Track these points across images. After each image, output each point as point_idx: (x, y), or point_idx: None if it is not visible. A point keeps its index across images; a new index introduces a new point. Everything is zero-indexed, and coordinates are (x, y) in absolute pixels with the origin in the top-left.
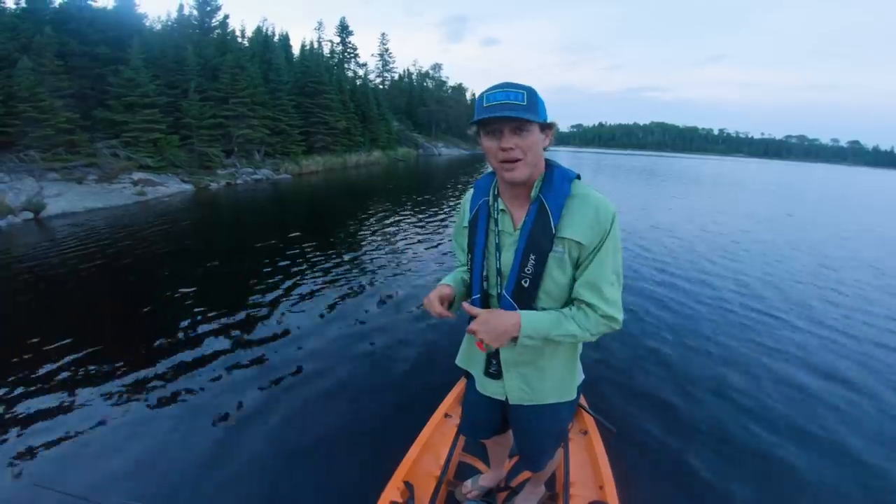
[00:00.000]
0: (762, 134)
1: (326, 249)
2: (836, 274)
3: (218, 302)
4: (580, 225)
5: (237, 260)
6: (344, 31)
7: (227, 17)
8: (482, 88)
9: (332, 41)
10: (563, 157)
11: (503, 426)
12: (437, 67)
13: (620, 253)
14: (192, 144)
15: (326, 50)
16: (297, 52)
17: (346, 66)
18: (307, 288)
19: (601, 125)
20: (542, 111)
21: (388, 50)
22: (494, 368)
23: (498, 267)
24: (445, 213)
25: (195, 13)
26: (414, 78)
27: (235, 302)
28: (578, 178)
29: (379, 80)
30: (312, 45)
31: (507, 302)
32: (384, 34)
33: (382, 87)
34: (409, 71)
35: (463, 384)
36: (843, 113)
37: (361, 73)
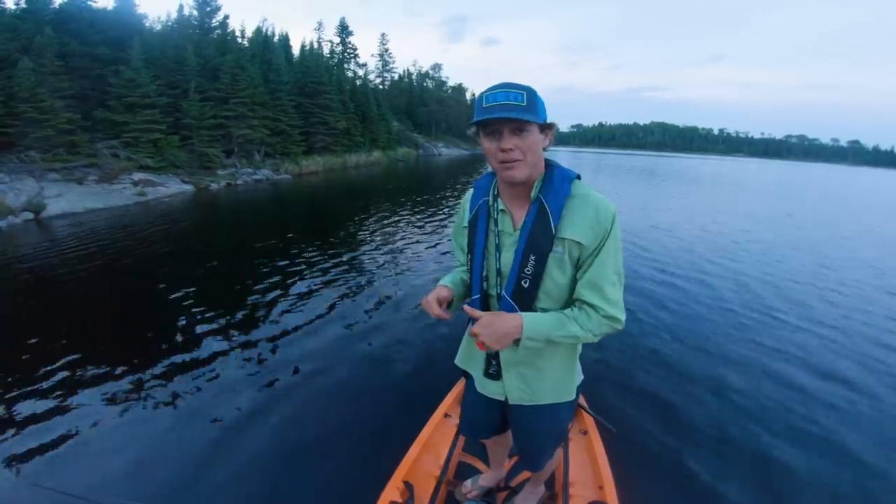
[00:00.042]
0: (762, 134)
1: (326, 250)
2: (835, 274)
3: (218, 302)
4: (580, 225)
5: (237, 260)
6: (344, 31)
7: (227, 17)
8: (482, 88)
9: (331, 41)
10: (562, 157)
11: (503, 426)
12: (436, 67)
13: (621, 253)
14: (192, 145)
15: (326, 50)
16: (296, 52)
17: (345, 66)
18: (307, 288)
19: (601, 125)
20: (541, 111)
21: (387, 50)
22: (494, 369)
23: (498, 267)
24: (445, 213)
25: (195, 13)
26: (414, 78)
27: (235, 302)
28: (578, 178)
29: (379, 80)
30: (312, 45)
31: (506, 302)
32: (384, 34)
33: (382, 87)
34: (408, 71)
35: (462, 384)
36: (843, 113)
37: (361, 73)
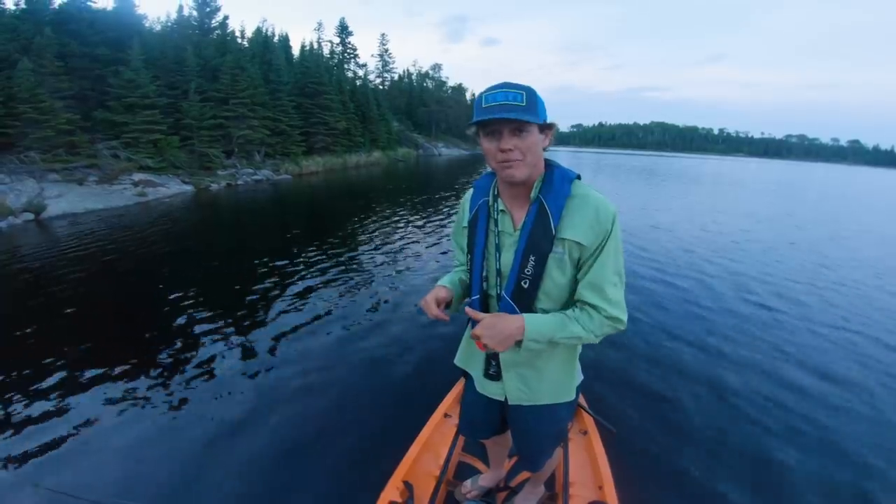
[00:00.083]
0: (762, 133)
1: (326, 250)
2: (835, 274)
3: (218, 302)
4: (580, 226)
5: (237, 260)
6: (343, 31)
7: (226, 17)
8: (482, 88)
9: (331, 42)
10: (563, 156)
11: (502, 426)
12: (436, 68)
13: (622, 253)
14: (192, 145)
15: (326, 50)
16: (296, 52)
17: (345, 66)
18: (306, 288)
19: (601, 125)
20: (541, 111)
21: (387, 50)
22: (494, 370)
23: (498, 267)
24: (445, 213)
25: (195, 14)
26: (414, 78)
27: (235, 302)
28: (578, 178)
29: (379, 80)
30: (312, 45)
31: (506, 303)
32: (384, 34)
33: (382, 87)
34: (408, 71)
35: (462, 384)
36: (843, 112)
37: (361, 73)
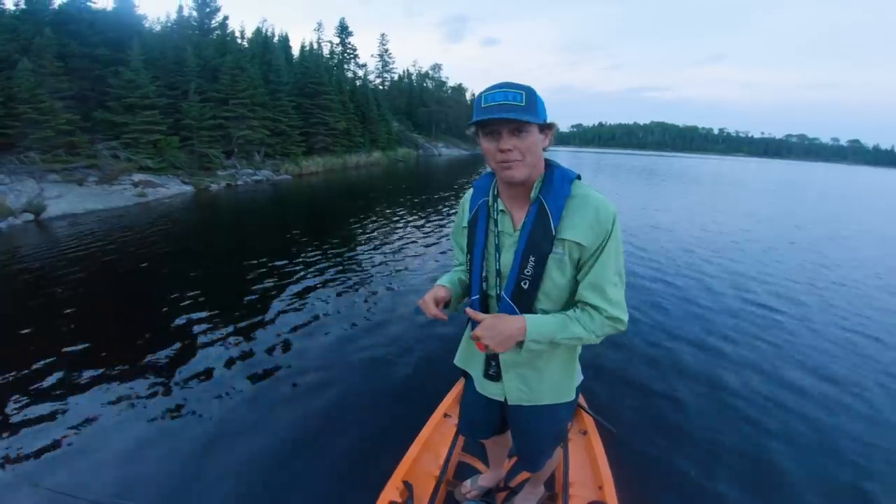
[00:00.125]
0: (762, 133)
1: (326, 250)
2: (835, 274)
3: (217, 303)
4: (580, 226)
5: (237, 261)
6: (343, 31)
7: (226, 18)
8: (482, 88)
9: (331, 42)
10: (563, 156)
11: (502, 426)
12: (436, 68)
13: (622, 253)
14: (192, 146)
15: (326, 51)
16: (296, 52)
17: (345, 66)
18: (306, 288)
19: (601, 125)
20: (541, 111)
21: (387, 50)
22: (494, 370)
23: (497, 268)
24: (444, 213)
25: (194, 14)
26: (414, 78)
27: (235, 303)
28: (579, 178)
29: (379, 80)
30: (312, 45)
31: (505, 303)
32: (384, 35)
33: (382, 87)
34: (408, 71)
35: (462, 384)
36: (843, 112)
37: (361, 73)
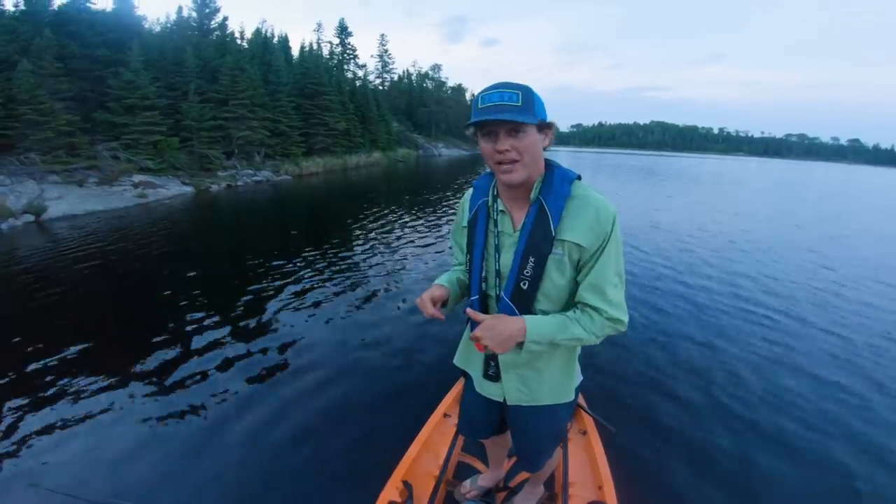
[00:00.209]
0: (762, 133)
1: (326, 250)
2: (834, 274)
3: (217, 303)
4: (580, 227)
5: (237, 261)
6: (343, 32)
7: (226, 18)
8: (481, 88)
9: (331, 42)
10: (562, 156)
11: (501, 426)
12: (436, 68)
13: (622, 254)
14: (192, 146)
15: (326, 51)
16: (296, 53)
17: (345, 67)
18: (306, 289)
19: (601, 125)
20: (539, 111)
21: (387, 51)
22: (493, 370)
23: (497, 268)
24: (444, 213)
25: (194, 15)
26: (413, 79)
27: (234, 303)
28: (579, 178)
29: (378, 81)
30: (312, 46)
31: (505, 304)
32: (383, 35)
33: (382, 88)
34: (408, 72)
35: (462, 384)
36: (843, 111)
37: (361, 74)
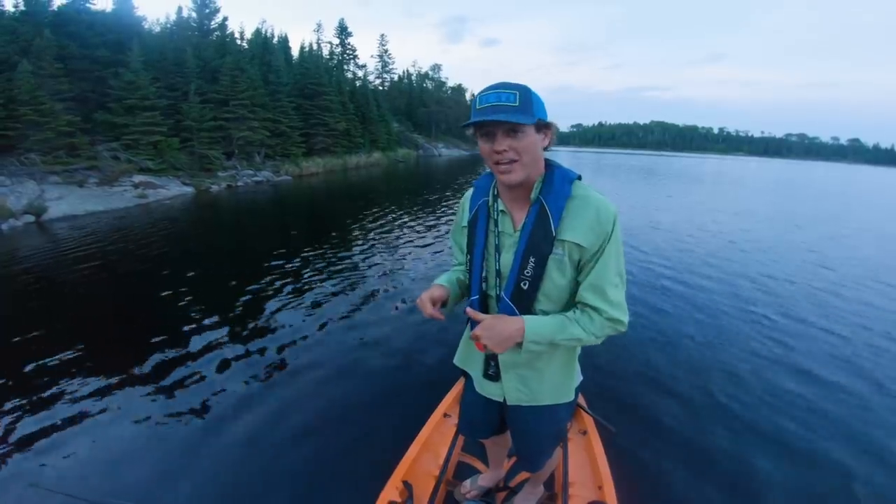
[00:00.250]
0: (762, 132)
1: (326, 251)
2: (834, 273)
3: (217, 304)
4: (581, 227)
5: (237, 262)
6: (343, 32)
7: (225, 18)
8: (481, 88)
9: (331, 42)
10: (562, 156)
11: (501, 426)
12: (436, 68)
13: (622, 254)
14: (192, 147)
15: (326, 51)
16: (296, 53)
17: (345, 67)
18: (305, 289)
19: (601, 125)
20: (537, 110)
21: (387, 51)
22: (493, 370)
23: (497, 268)
24: (444, 213)
25: (194, 15)
26: (413, 79)
27: (234, 303)
28: (579, 178)
29: (378, 81)
30: (311, 46)
31: (505, 304)
32: (383, 35)
33: (382, 88)
34: (408, 72)
35: (462, 384)
36: (843, 111)
37: (361, 74)
